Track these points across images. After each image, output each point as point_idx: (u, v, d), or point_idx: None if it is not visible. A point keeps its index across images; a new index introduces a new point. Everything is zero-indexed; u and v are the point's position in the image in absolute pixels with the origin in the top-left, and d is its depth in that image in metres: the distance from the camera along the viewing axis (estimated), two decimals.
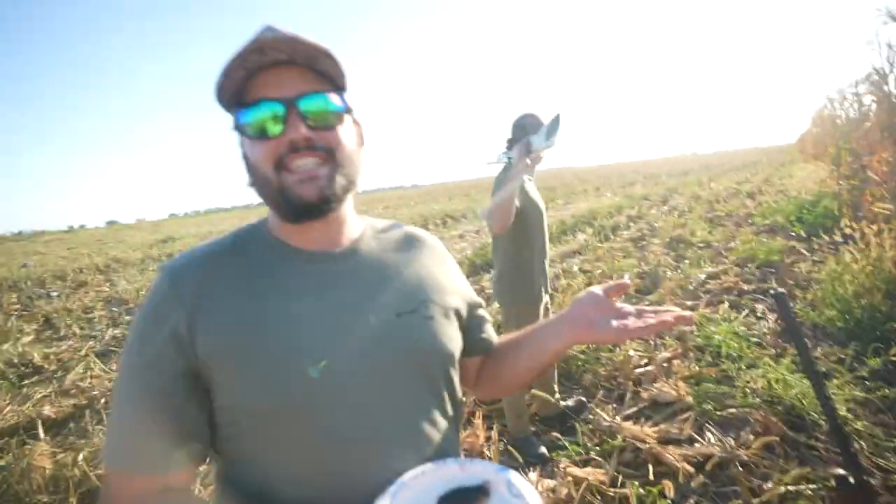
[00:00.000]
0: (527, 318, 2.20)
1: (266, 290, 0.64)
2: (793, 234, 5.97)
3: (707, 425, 2.28)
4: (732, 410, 2.36)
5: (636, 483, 1.88)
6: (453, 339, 0.74)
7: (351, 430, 0.61)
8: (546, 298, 2.33)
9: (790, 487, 1.76)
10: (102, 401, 3.35)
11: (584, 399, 2.67)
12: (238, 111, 0.62)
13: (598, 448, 2.22)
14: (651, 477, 1.95)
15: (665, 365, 2.91)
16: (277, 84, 0.60)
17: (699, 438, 2.19)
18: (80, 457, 2.48)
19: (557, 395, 2.57)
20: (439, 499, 0.58)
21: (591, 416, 2.50)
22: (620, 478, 1.98)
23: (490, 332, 0.86)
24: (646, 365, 2.95)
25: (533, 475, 2.03)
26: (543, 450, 2.27)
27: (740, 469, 1.94)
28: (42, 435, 2.89)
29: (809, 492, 1.73)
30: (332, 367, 0.61)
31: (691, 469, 1.97)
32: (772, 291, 0.70)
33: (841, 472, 0.80)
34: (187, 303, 0.61)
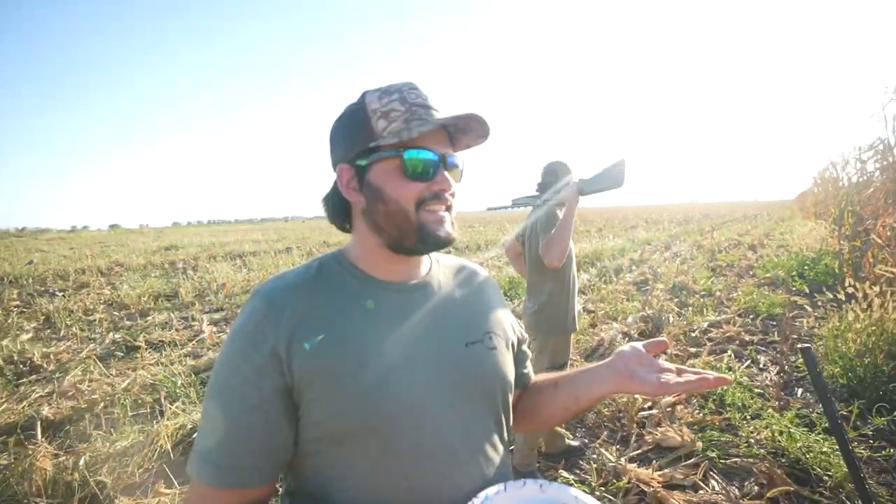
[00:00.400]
0: (562, 348, 2.29)
1: (355, 317, 0.69)
2: (794, 288, 6.05)
3: (711, 473, 2.29)
4: (736, 460, 2.37)
5: None
6: (511, 370, 0.80)
7: (429, 448, 0.67)
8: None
9: None
10: (101, 405, 3.33)
11: (587, 441, 2.68)
12: (405, 150, 0.68)
13: (602, 488, 2.23)
14: None
15: (669, 410, 2.93)
16: (435, 139, 0.71)
17: (703, 485, 2.20)
18: (82, 461, 2.46)
19: (565, 433, 2.58)
20: None
21: (595, 456, 2.51)
22: None
23: (530, 368, 0.92)
24: (650, 408, 2.96)
25: None
26: None
27: None
28: (40, 436, 2.86)
29: None
30: (416, 390, 0.67)
31: None
32: (799, 346, 0.76)
33: None
34: (286, 325, 0.65)
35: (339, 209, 0.77)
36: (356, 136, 0.70)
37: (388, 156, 0.69)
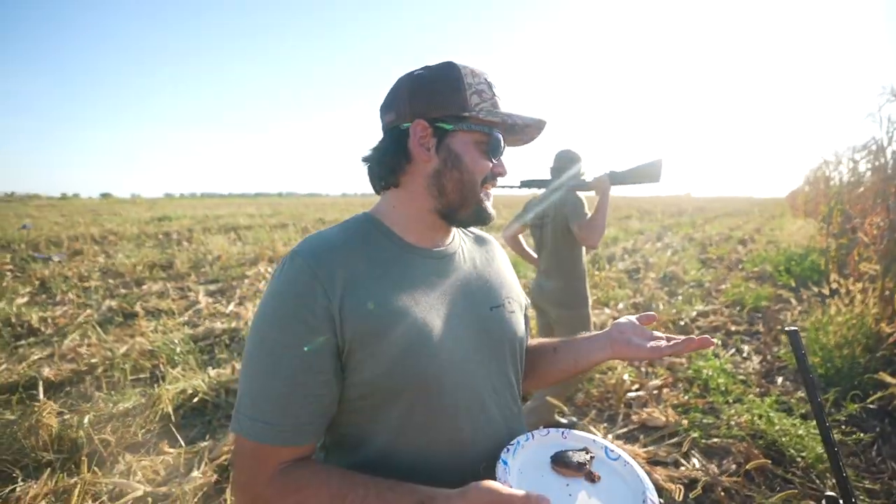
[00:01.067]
0: (587, 318, 2.47)
1: (398, 280, 0.72)
2: (780, 283, 6.21)
3: (692, 451, 2.42)
4: (717, 440, 2.50)
5: None
6: (524, 332, 0.87)
7: (466, 403, 0.72)
8: None
9: None
10: (101, 369, 3.39)
11: (575, 420, 2.80)
12: (493, 130, 0.74)
13: None
14: None
15: (655, 392, 3.05)
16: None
17: (685, 462, 2.33)
18: (86, 420, 2.53)
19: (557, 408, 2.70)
20: (551, 457, 0.70)
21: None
22: None
23: (529, 331, 0.99)
24: (637, 390, 3.09)
25: None
26: None
27: (722, 494, 2.08)
28: (42, 395, 2.92)
29: None
30: (455, 349, 0.72)
31: (681, 488, 2.09)
32: (786, 328, 0.83)
33: (831, 494, 0.93)
34: (336, 287, 0.66)
35: (391, 165, 0.76)
36: (449, 99, 0.72)
37: (477, 129, 0.73)
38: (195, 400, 2.92)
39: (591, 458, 0.70)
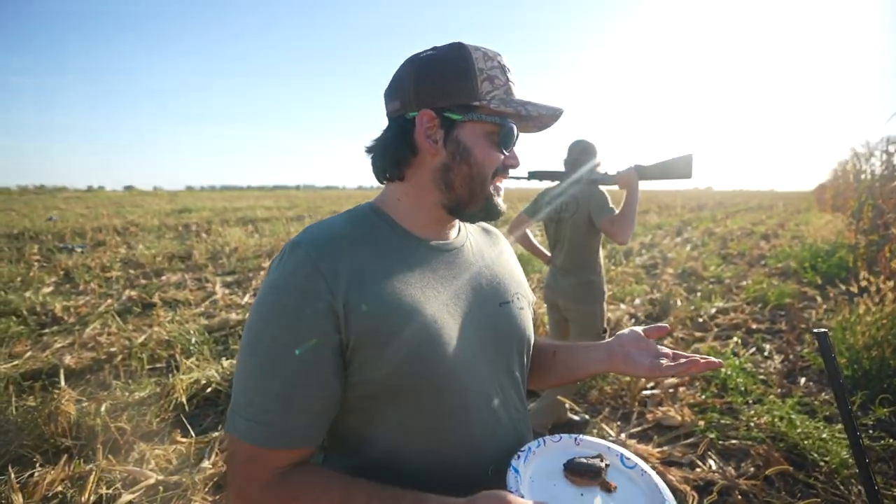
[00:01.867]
0: (601, 314, 2.44)
1: (406, 274, 0.68)
2: (805, 280, 6.00)
3: (709, 453, 2.35)
4: (735, 441, 2.42)
5: None
6: (532, 330, 0.83)
7: (474, 403, 0.68)
8: None
9: None
10: (120, 357, 3.46)
11: (588, 417, 2.75)
12: (505, 120, 0.69)
13: None
14: None
15: (671, 390, 2.97)
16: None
17: (701, 464, 2.26)
18: (103, 408, 2.58)
19: (567, 406, 2.65)
20: (564, 465, 0.66)
21: (595, 431, 2.57)
22: None
23: (535, 329, 0.95)
24: (652, 388, 3.01)
25: None
26: None
27: (740, 497, 2.01)
28: (63, 382, 3.00)
29: None
30: (463, 347, 0.68)
31: (694, 495, 2.03)
32: (814, 330, 0.76)
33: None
34: (341, 281, 0.61)
35: (396, 157, 0.71)
36: (458, 87, 0.67)
37: (488, 120, 0.68)
38: (208, 390, 2.95)
39: (607, 465, 0.66)
